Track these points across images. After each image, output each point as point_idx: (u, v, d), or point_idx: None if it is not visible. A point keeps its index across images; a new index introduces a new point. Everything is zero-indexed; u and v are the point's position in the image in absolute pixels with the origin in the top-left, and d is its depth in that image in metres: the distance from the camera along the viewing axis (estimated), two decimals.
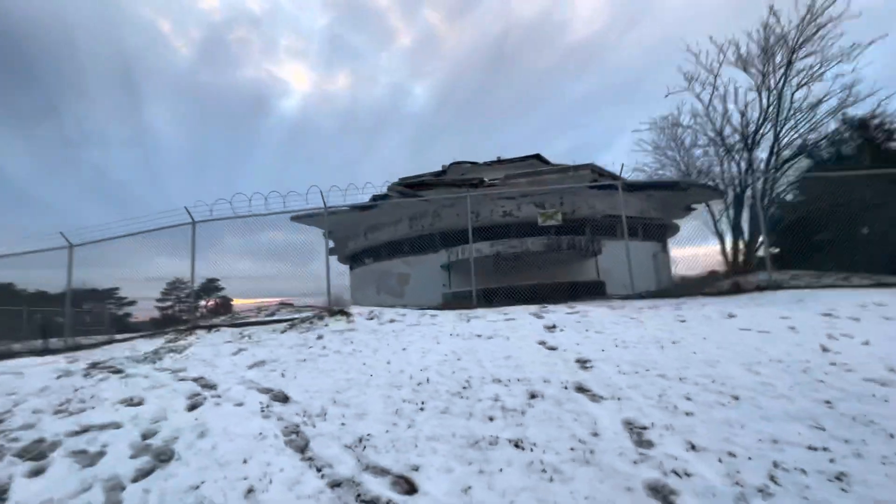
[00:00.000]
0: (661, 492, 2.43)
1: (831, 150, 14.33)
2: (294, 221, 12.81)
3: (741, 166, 13.01)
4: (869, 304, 5.37)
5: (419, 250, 13.70)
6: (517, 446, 2.91)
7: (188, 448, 3.13)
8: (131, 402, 4.02)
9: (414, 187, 12.75)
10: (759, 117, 12.59)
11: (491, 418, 3.29)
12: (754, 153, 12.88)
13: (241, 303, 13.36)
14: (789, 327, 4.78)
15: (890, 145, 15.16)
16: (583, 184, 11.70)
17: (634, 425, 3.10)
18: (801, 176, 14.04)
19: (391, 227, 14.58)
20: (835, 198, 12.41)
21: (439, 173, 15.41)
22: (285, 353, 5.15)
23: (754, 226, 12.69)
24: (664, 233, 15.77)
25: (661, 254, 15.23)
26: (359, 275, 16.52)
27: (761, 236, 12.11)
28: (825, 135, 13.54)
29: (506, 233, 12.21)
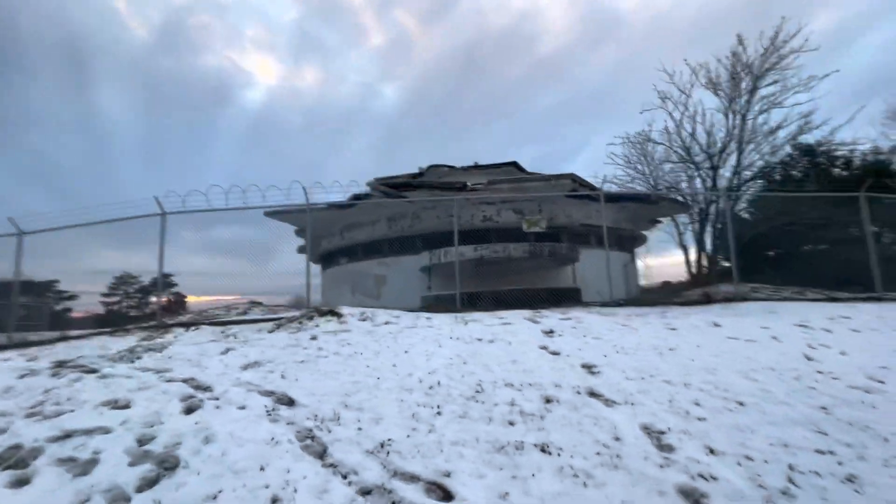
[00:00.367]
0: (693, 495, 2.50)
1: (783, 173, 15.46)
2: (267, 217, 12.36)
3: (707, 183, 13.74)
4: (837, 317, 5.80)
5: (397, 251, 13.55)
6: (544, 451, 2.91)
7: (195, 454, 2.92)
8: (117, 405, 3.71)
9: (397, 188, 12.60)
10: (725, 138, 13.36)
11: (511, 423, 3.27)
12: (719, 171, 13.64)
13: (196, 300, 12.66)
14: (772, 337, 5.07)
15: (833, 171, 16.54)
16: (565, 193, 11.98)
17: (652, 430, 3.18)
18: (755, 195, 15.05)
19: (369, 227, 14.35)
20: (785, 217, 13.40)
21: (416, 175, 15.33)
22: (278, 353, 4.93)
23: (718, 240, 13.43)
24: (633, 243, 16.42)
25: (630, 263, 15.84)
26: (331, 275, 16.14)
27: (725, 250, 12.82)
28: (780, 159, 14.59)
29: (486, 237, 12.29)
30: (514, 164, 16.31)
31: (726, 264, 14.24)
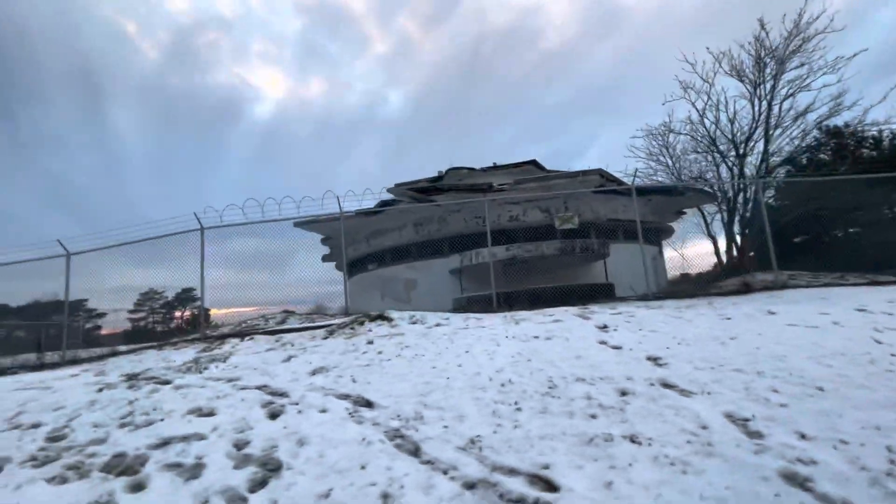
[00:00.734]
0: (796, 479, 2.52)
1: (810, 158, 15.16)
2: (296, 227, 12.60)
3: (734, 171, 13.57)
4: (895, 300, 5.70)
5: (426, 255, 13.68)
6: (633, 441, 2.96)
7: (293, 457, 3.03)
8: (202, 413, 3.86)
9: (424, 192, 12.74)
10: (751, 124, 13.18)
11: (593, 416, 3.32)
12: (746, 159, 13.46)
13: (217, 313, 12.78)
14: (833, 322, 5.02)
15: (862, 152, 16.17)
16: (592, 189, 11.96)
17: (736, 417, 3.19)
18: (783, 181, 14.79)
19: (396, 233, 14.50)
20: (815, 203, 13.14)
21: (436, 178, 15.44)
22: (340, 359, 5.05)
23: (747, 228, 13.23)
24: (659, 235, 16.28)
25: (658, 256, 15.71)
26: (358, 281, 16.32)
27: (755, 239, 12.63)
28: (808, 143, 14.32)
29: (514, 237, 12.34)
30: (534, 163, 16.32)
31: (751, 254, 14.03)
